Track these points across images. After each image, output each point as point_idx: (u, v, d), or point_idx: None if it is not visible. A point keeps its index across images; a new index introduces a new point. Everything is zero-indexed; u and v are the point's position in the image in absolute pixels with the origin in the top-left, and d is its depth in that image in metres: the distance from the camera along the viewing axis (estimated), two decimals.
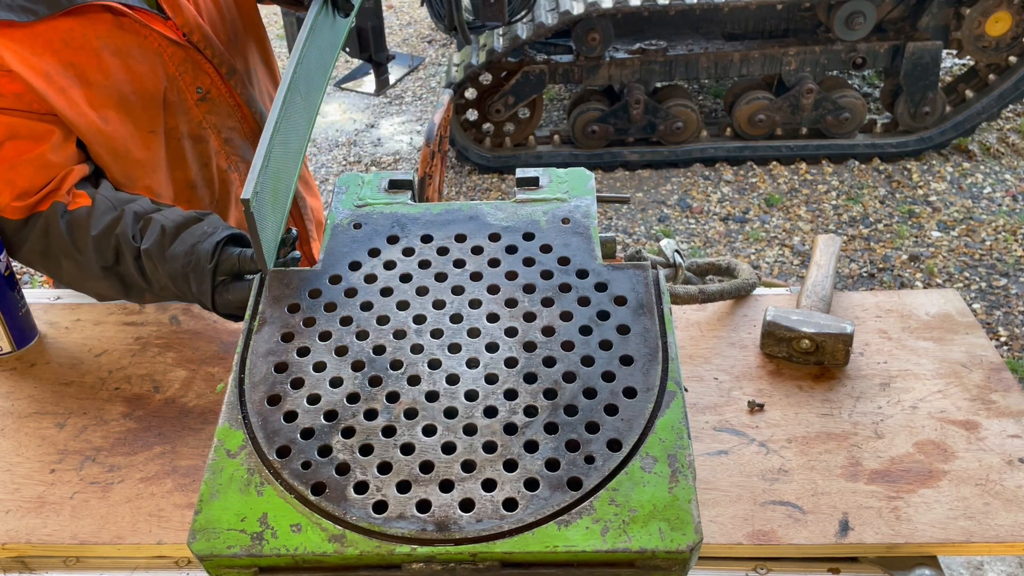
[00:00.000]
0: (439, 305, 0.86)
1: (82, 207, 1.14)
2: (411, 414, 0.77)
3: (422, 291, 0.88)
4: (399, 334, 0.84)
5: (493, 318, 0.85)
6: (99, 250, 1.11)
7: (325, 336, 0.84)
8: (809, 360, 1.10)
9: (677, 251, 1.26)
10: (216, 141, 1.35)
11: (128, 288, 1.15)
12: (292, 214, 1.56)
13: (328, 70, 1.20)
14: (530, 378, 0.79)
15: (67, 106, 1.16)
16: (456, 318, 0.85)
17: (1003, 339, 3.19)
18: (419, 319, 0.85)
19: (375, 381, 0.80)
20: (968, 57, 4.38)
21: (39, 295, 1.30)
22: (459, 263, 0.90)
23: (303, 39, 1.04)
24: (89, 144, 1.20)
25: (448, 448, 0.75)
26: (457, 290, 0.87)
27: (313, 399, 0.79)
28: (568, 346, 0.82)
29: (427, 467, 0.74)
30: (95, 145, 1.20)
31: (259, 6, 1.47)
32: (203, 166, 1.36)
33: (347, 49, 4.05)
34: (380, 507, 0.71)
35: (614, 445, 0.74)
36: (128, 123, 1.23)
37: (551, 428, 0.76)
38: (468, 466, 0.74)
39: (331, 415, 0.78)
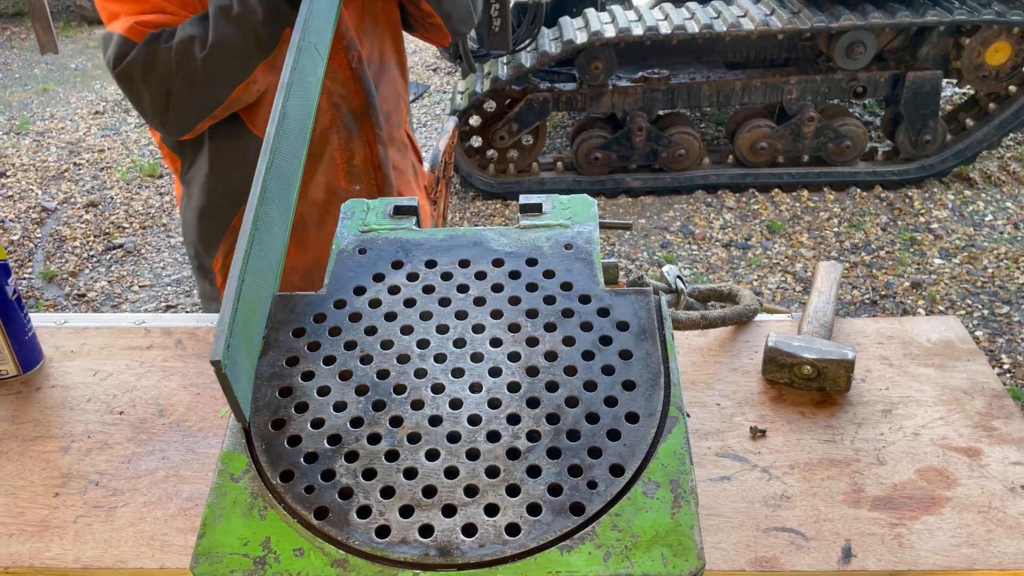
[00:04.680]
0: (442, 330, 0.87)
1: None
2: (414, 438, 0.78)
3: (426, 316, 0.88)
4: (403, 358, 0.84)
5: (496, 343, 0.85)
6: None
7: (329, 360, 0.85)
8: (811, 386, 1.10)
9: (679, 277, 1.27)
10: (326, 101, 1.49)
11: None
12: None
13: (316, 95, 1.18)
14: (532, 403, 0.80)
15: None
16: (459, 343, 0.85)
17: (1006, 367, 3.18)
18: (422, 344, 0.86)
19: (378, 405, 0.80)
20: (968, 86, 4.42)
21: (45, 319, 1.31)
22: (463, 288, 0.91)
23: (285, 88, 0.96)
24: None
25: (451, 473, 0.75)
26: (460, 315, 0.88)
27: (317, 423, 0.79)
28: (570, 371, 0.82)
29: (430, 491, 0.74)
30: None
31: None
32: None
33: None
34: (383, 532, 0.71)
35: (616, 470, 0.75)
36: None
37: (553, 453, 0.76)
38: (470, 491, 0.74)
39: (335, 439, 0.78)
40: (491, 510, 0.72)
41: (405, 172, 1.69)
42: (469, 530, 0.71)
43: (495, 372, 0.83)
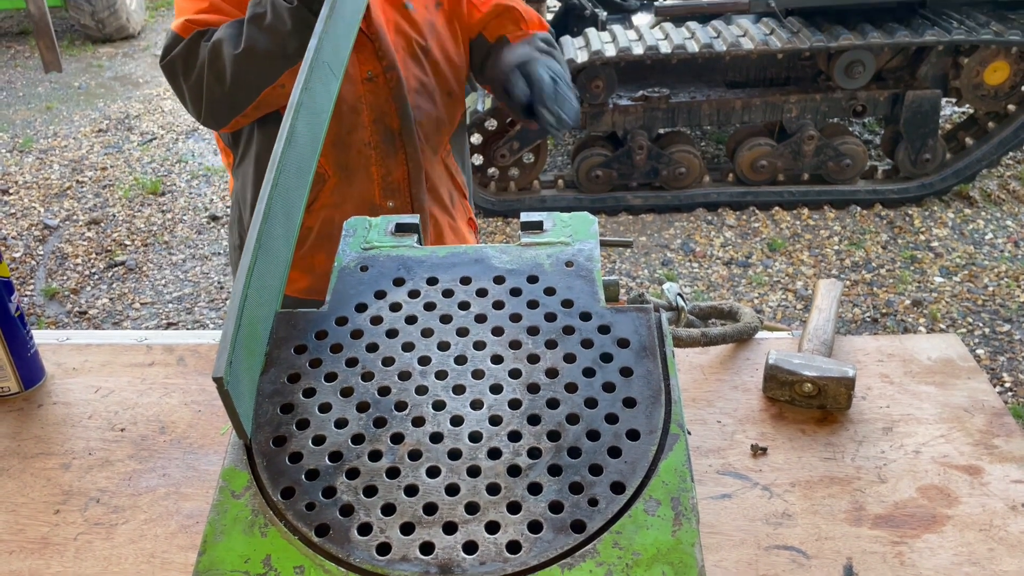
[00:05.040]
0: (444, 347, 0.87)
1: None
2: (415, 455, 0.78)
3: (427, 333, 0.88)
4: (404, 375, 0.85)
5: (497, 360, 0.85)
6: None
7: (331, 377, 0.85)
8: (811, 404, 1.10)
9: (680, 294, 1.27)
10: (367, 116, 1.53)
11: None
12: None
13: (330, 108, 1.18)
14: (533, 420, 0.80)
15: None
16: (461, 360, 0.86)
17: (1008, 385, 3.18)
18: (424, 360, 0.86)
19: (380, 422, 0.80)
20: (967, 105, 4.44)
21: (47, 336, 1.31)
22: (464, 305, 0.91)
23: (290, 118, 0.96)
24: None
25: (452, 490, 0.75)
26: (462, 332, 0.88)
27: (318, 440, 0.79)
28: (571, 388, 0.82)
29: (430, 509, 0.74)
30: None
31: None
32: (348, 132, 1.53)
33: None
34: (383, 549, 0.71)
35: (617, 487, 0.75)
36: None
37: (554, 470, 0.76)
38: (471, 508, 0.74)
39: (336, 456, 0.78)
40: (492, 527, 0.72)
41: (441, 197, 1.70)
42: (470, 547, 0.71)
43: (496, 389, 0.83)
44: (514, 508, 0.74)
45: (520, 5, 1.65)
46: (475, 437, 0.79)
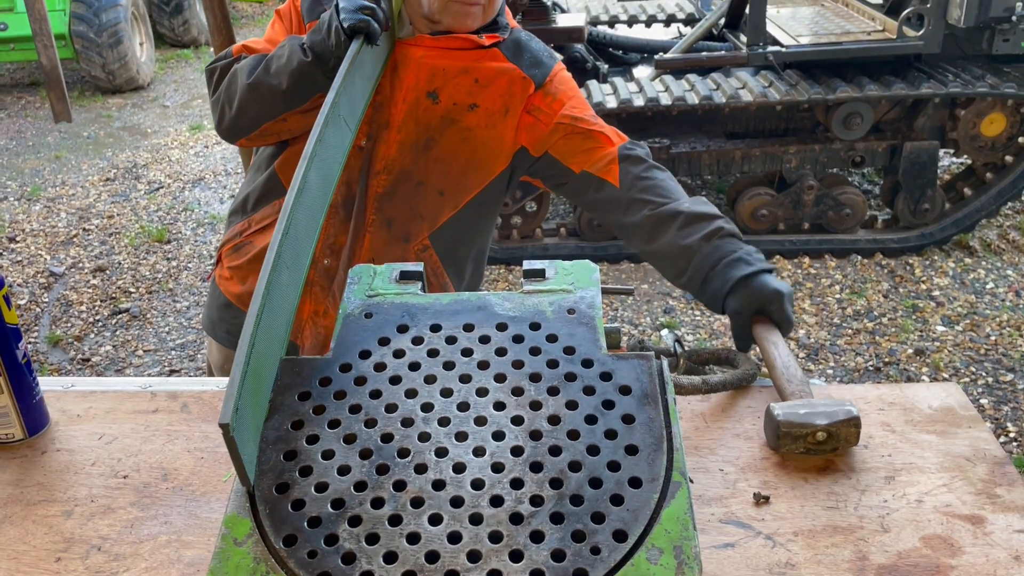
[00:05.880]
0: (447, 393, 0.88)
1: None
2: (418, 503, 0.78)
3: (430, 379, 0.89)
4: (407, 422, 0.85)
5: (500, 406, 0.86)
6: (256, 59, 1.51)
7: (334, 424, 0.85)
8: (824, 450, 1.10)
9: (678, 341, 1.28)
10: (343, 176, 1.51)
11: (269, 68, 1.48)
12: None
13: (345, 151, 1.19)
14: (536, 467, 0.80)
15: None
16: (463, 406, 0.86)
17: (1012, 435, 3.16)
18: (427, 407, 0.86)
19: (382, 469, 0.81)
20: (965, 156, 4.48)
21: (53, 383, 1.32)
22: (467, 352, 0.92)
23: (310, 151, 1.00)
24: None
25: (454, 538, 0.75)
26: (465, 378, 0.89)
27: (321, 487, 0.80)
28: (574, 435, 0.83)
29: (433, 557, 0.74)
30: None
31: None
32: None
33: None
34: None
35: (620, 536, 0.75)
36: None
37: (557, 518, 0.76)
38: (474, 556, 0.74)
39: (338, 503, 0.78)
40: None
41: None
42: None
43: (498, 436, 0.83)
44: (516, 556, 0.74)
45: (588, 120, 1.55)
46: (477, 484, 0.79)
